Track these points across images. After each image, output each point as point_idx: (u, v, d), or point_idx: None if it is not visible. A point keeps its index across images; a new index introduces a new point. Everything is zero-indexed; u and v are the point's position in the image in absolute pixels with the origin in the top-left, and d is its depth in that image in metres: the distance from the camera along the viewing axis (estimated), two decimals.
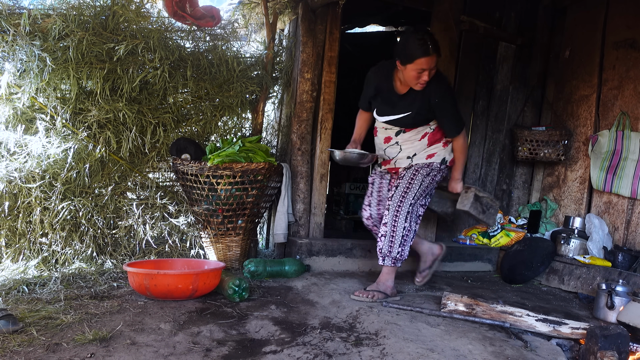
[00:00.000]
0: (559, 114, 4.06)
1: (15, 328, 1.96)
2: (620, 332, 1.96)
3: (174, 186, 3.50)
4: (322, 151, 3.55)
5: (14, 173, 2.96)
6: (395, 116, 2.82)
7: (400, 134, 2.86)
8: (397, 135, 2.86)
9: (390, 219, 2.66)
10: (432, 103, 2.72)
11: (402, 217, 2.66)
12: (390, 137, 2.89)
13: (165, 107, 3.31)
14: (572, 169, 3.93)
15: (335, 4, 3.45)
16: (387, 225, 2.66)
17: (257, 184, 3.16)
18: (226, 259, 3.28)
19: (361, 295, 2.58)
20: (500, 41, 4.14)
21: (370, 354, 1.93)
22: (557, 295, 3.19)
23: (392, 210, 2.67)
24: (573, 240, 3.45)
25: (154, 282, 2.40)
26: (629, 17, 3.60)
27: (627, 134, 3.51)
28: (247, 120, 3.75)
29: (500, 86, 4.19)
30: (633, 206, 3.47)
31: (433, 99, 2.71)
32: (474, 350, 1.96)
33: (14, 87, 2.98)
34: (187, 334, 2.06)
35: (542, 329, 2.25)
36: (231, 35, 3.62)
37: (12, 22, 2.86)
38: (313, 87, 3.52)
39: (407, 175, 2.76)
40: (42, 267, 2.96)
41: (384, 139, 2.92)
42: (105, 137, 3.14)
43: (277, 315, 2.36)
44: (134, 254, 3.27)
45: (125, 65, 3.06)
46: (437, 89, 2.71)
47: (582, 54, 3.91)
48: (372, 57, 5.68)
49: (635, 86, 3.52)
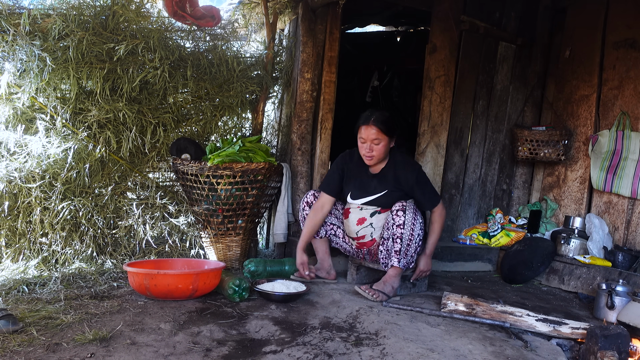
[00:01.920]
0: (559, 114, 4.06)
1: (15, 328, 1.96)
2: (620, 332, 1.96)
3: (174, 186, 3.50)
4: (322, 151, 3.55)
5: (14, 173, 2.96)
6: (371, 196, 2.78)
7: (376, 215, 2.79)
8: (372, 216, 2.80)
9: (409, 221, 2.62)
10: (406, 184, 2.74)
11: (417, 225, 2.65)
12: (364, 219, 2.80)
13: (165, 107, 3.31)
14: (572, 169, 3.93)
15: (335, 4, 3.45)
16: (404, 227, 2.63)
17: (257, 184, 3.16)
18: (226, 258, 3.28)
19: (366, 291, 2.56)
20: (500, 41, 4.14)
21: (370, 354, 1.93)
22: (557, 295, 3.19)
23: (409, 212, 2.63)
24: (573, 240, 3.45)
25: (154, 282, 2.40)
26: (629, 17, 3.59)
27: (627, 134, 3.51)
28: (247, 120, 3.75)
29: (500, 86, 4.19)
30: (633, 206, 3.47)
31: (406, 179, 2.73)
32: (474, 350, 1.96)
33: (14, 87, 2.98)
34: (187, 333, 2.06)
35: (542, 329, 2.25)
36: (231, 35, 3.62)
37: (12, 22, 2.86)
38: (313, 87, 3.52)
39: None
40: (42, 267, 2.96)
41: (358, 220, 2.82)
42: (105, 137, 3.14)
43: (277, 315, 2.36)
44: (134, 254, 3.27)
45: (125, 65, 3.06)
46: (405, 168, 2.76)
47: (582, 54, 3.91)
48: (372, 57, 5.74)
49: (635, 86, 3.52)
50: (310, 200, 2.92)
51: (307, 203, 2.93)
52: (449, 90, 3.95)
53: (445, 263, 3.66)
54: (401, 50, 5.70)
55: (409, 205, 2.65)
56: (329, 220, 2.94)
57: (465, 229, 4.12)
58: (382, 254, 2.70)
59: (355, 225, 2.83)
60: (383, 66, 5.86)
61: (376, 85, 5.77)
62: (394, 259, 2.63)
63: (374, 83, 5.77)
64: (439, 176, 3.97)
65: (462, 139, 4.10)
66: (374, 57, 5.76)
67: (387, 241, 2.67)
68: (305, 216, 2.91)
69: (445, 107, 3.93)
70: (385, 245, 2.68)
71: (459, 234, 4.07)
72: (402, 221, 2.61)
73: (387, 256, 2.68)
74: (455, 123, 4.04)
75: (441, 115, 3.93)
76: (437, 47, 3.90)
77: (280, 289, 2.61)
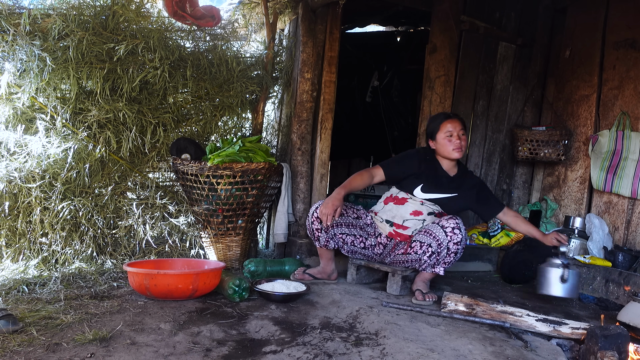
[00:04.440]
0: (559, 114, 4.06)
1: (15, 328, 1.96)
2: (620, 332, 1.96)
3: (174, 186, 3.50)
4: (322, 151, 3.55)
5: (14, 173, 2.96)
6: (443, 194, 2.84)
7: (432, 216, 2.85)
8: (429, 215, 2.85)
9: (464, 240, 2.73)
10: (473, 189, 2.90)
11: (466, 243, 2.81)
12: (421, 212, 2.84)
13: (165, 107, 3.31)
14: (572, 169, 3.93)
15: (335, 3, 3.45)
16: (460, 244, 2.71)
17: (257, 184, 3.16)
18: (226, 258, 3.28)
19: (420, 299, 2.63)
20: (500, 41, 4.14)
21: (370, 354, 1.93)
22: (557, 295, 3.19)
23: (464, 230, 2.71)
24: (573, 240, 3.45)
25: (154, 282, 2.40)
26: (629, 17, 3.59)
27: (627, 134, 3.51)
28: (247, 120, 3.75)
29: (500, 86, 4.19)
30: (633, 206, 3.47)
31: (473, 185, 2.92)
32: (474, 350, 1.96)
33: (14, 87, 2.98)
34: (187, 333, 2.06)
35: (542, 329, 2.25)
36: (231, 35, 3.62)
37: (12, 22, 2.86)
38: (313, 87, 3.52)
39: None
40: (42, 267, 2.96)
41: (413, 211, 2.84)
42: (105, 137, 3.14)
43: (277, 315, 2.36)
44: (134, 254, 3.27)
45: (125, 65, 3.06)
46: (472, 175, 3.01)
47: (582, 54, 3.90)
48: (372, 57, 5.74)
49: (635, 86, 3.52)
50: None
51: (317, 218, 2.82)
52: (449, 90, 3.95)
53: None
54: (401, 50, 5.70)
55: (460, 222, 2.72)
56: (338, 230, 2.86)
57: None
58: (426, 262, 2.74)
59: (409, 214, 2.85)
60: (383, 66, 5.86)
61: (376, 85, 5.76)
62: (439, 268, 2.75)
63: (374, 83, 5.76)
64: None
65: None
66: (374, 57, 5.76)
67: (436, 255, 2.71)
68: (315, 229, 2.85)
69: (445, 107, 3.93)
70: (433, 257, 2.72)
71: None
72: (459, 239, 2.68)
73: (433, 264, 2.74)
74: None
75: None
76: (437, 47, 3.90)
77: (280, 289, 2.61)
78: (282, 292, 2.58)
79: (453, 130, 2.79)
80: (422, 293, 2.66)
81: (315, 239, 2.90)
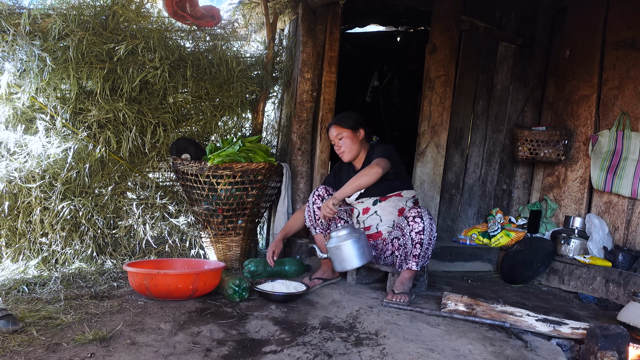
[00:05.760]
0: (559, 114, 4.06)
1: (15, 328, 1.96)
2: (620, 332, 1.96)
3: (174, 186, 3.50)
4: (322, 151, 3.55)
5: (14, 173, 2.96)
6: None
7: (378, 203, 2.86)
8: (375, 204, 2.86)
9: (428, 227, 2.66)
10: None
11: (433, 227, 2.71)
12: (368, 208, 2.88)
13: (165, 107, 3.31)
14: (572, 169, 3.93)
15: (335, 3, 3.45)
16: (424, 232, 2.65)
17: (257, 184, 3.16)
18: (226, 258, 3.28)
19: (394, 299, 2.54)
20: (500, 41, 4.14)
21: (370, 354, 1.93)
22: (557, 295, 3.19)
23: (425, 217, 2.67)
24: (573, 240, 3.45)
25: (154, 282, 2.40)
26: (629, 17, 3.59)
27: (627, 134, 3.51)
28: (247, 120, 3.75)
29: (500, 86, 4.19)
30: (633, 206, 3.47)
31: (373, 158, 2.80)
32: (474, 350, 1.96)
33: (14, 87, 2.98)
34: (187, 334, 2.06)
35: (543, 329, 2.25)
36: (231, 35, 3.62)
37: (12, 22, 2.86)
38: (313, 87, 3.52)
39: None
40: (42, 267, 2.96)
41: (362, 210, 2.90)
42: (105, 137, 3.14)
43: (277, 315, 2.36)
44: (134, 254, 3.27)
45: (125, 65, 3.06)
46: (376, 150, 2.84)
47: (582, 54, 3.91)
48: (372, 57, 5.74)
49: (635, 86, 3.52)
50: (322, 193, 2.88)
51: (318, 196, 2.87)
52: (449, 90, 3.95)
53: (445, 263, 3.66)
54: (401, 50, 5.70)
55: (423, 211, 2.68)
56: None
57: (465, 229, 4.12)
58: (398, 258, 2.72)
59: (362, 214, 2.90)
60: (383, 66, 5.86)
61: (376, 85, 5.77)
62: (411, 263, 2.67)
63: (374, 83, 5.77)
64: (439, 176, 3.98)
65: (462, 139, 4.10)
66: (374, 57, 5.76)
67: (403, 247, 2.69)
68: (316, 209, 2.89)
69: (445, 107, 3.94)
70: (401, 250, 2.70)
71: (459, 234, 4.07)
72: (421, 228, 2.64)
73: (403, 260, 2.71)
74: (455, 123, 4.04)
75: (441, 115, 3.93)
76: (437, 47, 3.90)
77: (280, 289, 2.61)
78: (282, 292, 2.58)
79: (332, 139, 2.91)
80: (394, 293, 2.59)
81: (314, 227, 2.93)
